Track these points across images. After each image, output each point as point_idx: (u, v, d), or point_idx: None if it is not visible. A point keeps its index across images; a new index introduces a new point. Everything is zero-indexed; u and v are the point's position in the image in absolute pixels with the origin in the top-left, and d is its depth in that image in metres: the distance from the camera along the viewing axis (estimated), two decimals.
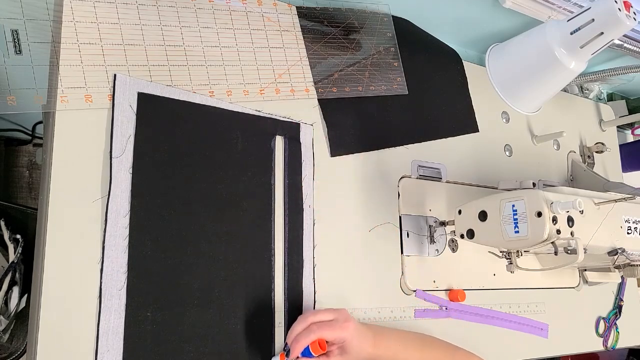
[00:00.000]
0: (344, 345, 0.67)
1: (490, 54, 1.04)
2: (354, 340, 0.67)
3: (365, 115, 0.83)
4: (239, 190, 0.69)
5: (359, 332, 0.69)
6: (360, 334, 0.69)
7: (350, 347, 0.67)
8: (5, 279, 0.71)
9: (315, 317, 0.67)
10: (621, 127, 1.30)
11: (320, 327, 0.66)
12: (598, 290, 1.06)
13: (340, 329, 0.66)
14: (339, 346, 0.67)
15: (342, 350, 0.67)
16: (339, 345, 0.67)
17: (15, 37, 0.60)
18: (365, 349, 0.69)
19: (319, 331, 0.65)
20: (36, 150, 0.95)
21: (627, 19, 0.85)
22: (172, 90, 0.67)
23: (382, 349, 0.71)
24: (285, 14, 0.80)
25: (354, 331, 0.67)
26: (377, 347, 0.70)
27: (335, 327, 0.66)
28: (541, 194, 0.72)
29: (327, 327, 0.66)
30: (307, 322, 0.66)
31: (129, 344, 0.59)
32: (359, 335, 0.68)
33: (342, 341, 0.67)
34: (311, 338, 0.64)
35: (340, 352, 0.67)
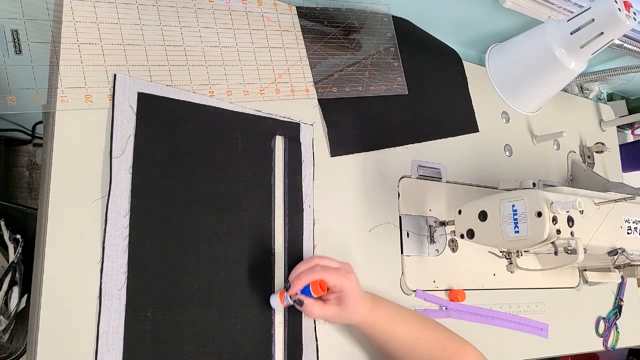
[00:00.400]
0: (342, 295, 0.67)
1: (490, 54, 1.04)
2: (353, 294, 0.67)
3: (365, 115, 0.83)
4: (239, 190, 0.69)
5: (359, 290, 0.68)
6: (360, 292, 0.68)
7: (348, 299, 0.67)
8: (5, 279, 0.71)
9: (320, 261, 0.67)
10: (621, 127, 1.30)
11: (324, 269, 0.66)
12: (598, 290, 1.06)
13: (343, 277, 0.66)
14: (338, 296, 0.67)
15: (339, 301, 0.67)
16: (337, 294, 0.67)
17: (15, 37, 0.60)
18: (362, 309, 0.69)
19: (322, 273, 0.65)
20: (36, 150, 0.95)
21: (627, 19, 0.85)
22: (172, 90, 0.67)
23: (379, 316, 0.70)
24: (285, 14, 0.80)
25: (355, 285, 0.67)
26: (375, 312, 0.70)
27: (339, 273, 0.66)
28: (541, 194, 0.72)
29: (330, 271, 0.66)
30: (312, 263, 0.67)
31: (129, 344, 0.59)
32: (358, 292, 0.68)
33: (342, 290, 0.66)
34: (313, 277, 0.65)
35: (337, 303, 0.67)
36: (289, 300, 0.67)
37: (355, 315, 0.69)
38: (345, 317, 0.68)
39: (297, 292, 0.66)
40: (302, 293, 0.66)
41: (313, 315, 0.67)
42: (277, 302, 0.68)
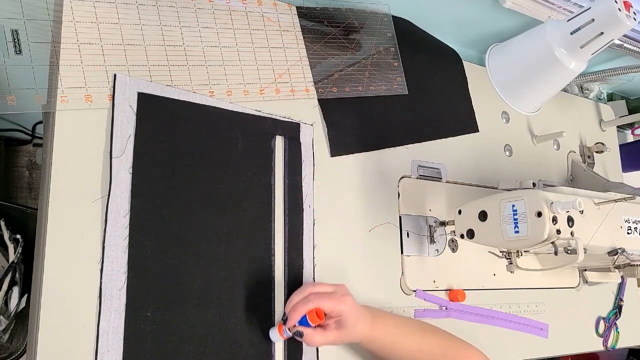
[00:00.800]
0: (341, 319, 0.67)
1: (490, 54, 1.04)
2: (351, 316, 0.67)
3: (365, 115, 0.83)
4: (239, 190, 0.69)
5: (357, 309, 0.68)
6: (358, 311, 0.68)
7: (347, 322, 0.67)
8: (5, 279, 0.71)
9: (314, 288, 0.67)
10: (621, 127, 1.30)
11: (318, 297, 0.66)
12: (598, 290, 1.06)
13: (338, 301, 0.66)
14: (336, 320, 0.67)
15: (338, 325, 0.67)
16: (336, 319, 0.67)
17: (15, 37, 0.60)
18: (362, 328, 0.68)
19: (317, 301, 0.65)
20: (36, 150, 0.95)
21: (627, 19, 0.85)
22: (172, 90, 0.67)
23: (379, 331, 0.70)
24: (285, 14, 0.80)
25: (352, 306, 0.67)
26: (374, 328, 0.70)
27: (333, 298, 0.66)
28: (541, 194, 0.72)
29: (325, 298, 0.66)
30: (305, 292, 0.67)
31: (129, 344, 0.59)
32: (356, 311, 0.68)
33: (340, 314, 0.66)
34: (309, 307, 0.65)
35: (337, 327, 0.67)
36: (288, 333, 0.66)
37: (356, 335, 0.69)
38: (346, 339, 0.69)
39: (295, 325, 0.65)
40: (300, 324, 0.65)
41: (314, 344, 0.67)
42: (277, 336, 0.67)
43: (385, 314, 0.74)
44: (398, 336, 0.72)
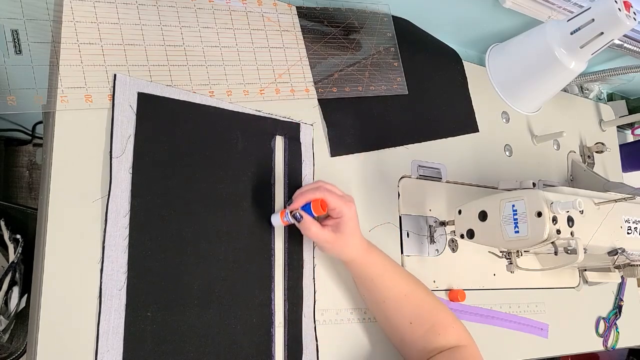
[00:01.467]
0: (340, 222, 0.67)
1: (490, 54, 1.04)
2: (350, 223, 0.67)
3: (365, 115, 0.83)
4: (239, 190, 0.69)
5: (357, 223, 0.69)
6: (357, 225, 0.69)
7: (345, 227, 0.67)
8: (5, 279, 0.71)
9: (325, 184, 0.68)
10: (621, 127, 1.30)
11: (327, 191, 0.66)
12: (598, 290, 1.06)
13: (344, 203, 0.67)
14: (336, 222, 0.67)
15: (336, 228, 0.67)
16: (336, 220, 0.67)
17: (15, 37, 0.60)
18: (357, 245, 0.69)
19: (325, 193, 0.66)
20: (36, 150, 0.95)
21: (627, 19, 0.85)
22: (172, 90, 0.67)
23: (374, 258, 0.71)
24: (285, 14, 0.80)
25: (354, 214, 0.68)
26: (370, 254, 0.70)
27: (340, 198, 0.67)
28: (541, 194, 0.72)
29: (333, 194, 0.67)
30: (317, 184, 0.68)
31: (129, 344, 0.59)
32: (356, 223, 0.68)
33: (341, 215, 0.67)
34: (315, 195, 0.66)
35: (334, 229, 0.67)
36: (289, 217, 0.67)
37: (348, 249, 0.69)
38: (338, 247, 0.68)
39: (297, 208, 0.66)
40: (303, 209, 0.66)
41: (309, 233, 0.67)
42: (278, 220, 0.68)
43: (382, 252, 0.73)
44: (390, 273, 0.72)
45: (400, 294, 0.71)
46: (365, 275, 0.71)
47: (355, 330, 0.75)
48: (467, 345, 0.73)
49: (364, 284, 0.72)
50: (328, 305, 0.74)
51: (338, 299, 0.75)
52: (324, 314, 0.73)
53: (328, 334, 0.73)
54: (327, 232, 0.67)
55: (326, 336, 0.72)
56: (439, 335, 0.71)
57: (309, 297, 0.72)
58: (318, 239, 0.68)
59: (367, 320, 0.76)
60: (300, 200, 0.66)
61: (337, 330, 0.74)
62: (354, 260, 0.70)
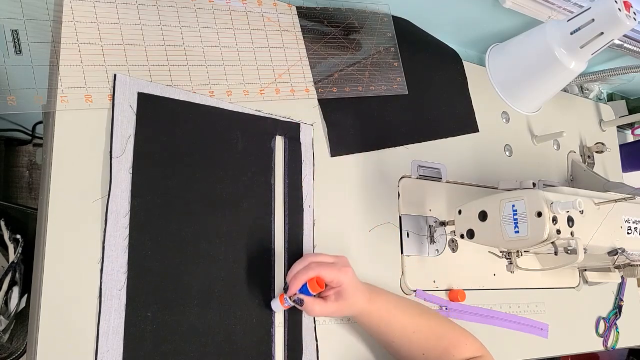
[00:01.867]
0: (340, 290, 0.67)
1: (490, 54, 1.04)
2: (351, 287, 0.67)
3: (365, 115, 0.83)
4: (239, 190, 0.69)
5: (357, 282, 0.69)
6: (357, 284, 0.69)
7: (347, 293, 0.67)
8: (5, 279, 0.71)
9: (315, 258, 0.68)
10: (621, 127, 1.30)
11: (319, 265, 0.66)
12: (598, 290, 1.06)
13: (338, 271, 0.67)
14: (336, 291, 0.67)
15: (337, 296, 0.67)
16: (335, 289, 0.67)
17: (15, 37, 0.60)
18: (361, 300, 0.69)
19: (318, 269, 0.66)
20: (36, 150, 0.95)
21: (627, 19, 0.85)
22: (172, 90, 0.67)
23: (377, 306, 0.70)
24: (285, 14, 0.80)
25: (352, 277, 0.68)
26: (373, 302, 0.70)
27: (334, 268, 0.67)
28: (541, 194, 0.72)
29: (326, 267, 0.66)
30: (306, 262, 0.67)
31: (129, 344, 0.59)
32: (356, 283, 0.68)
33: (339, 285, 0.67)
34: (309, 275, 0.65)
35: (336, 298, 0.67)
36: (289, 302, 0.67)
37: (353, 309, 0.69)
38: (344, 312, 0.69)
39: (295, 293, 0.66)
40: (301, 292, 0.66)
41: (314, 313, 0.67)
42: (278, 305, 0.68)
43: (384, 291, 0.74)
44: (395, 314, 0.72)
45: (408, 331, 0.72)
46: (372, 323, 0.71)
47: (355, 330, 0.75)
48: (482, 355, 0.74)
49: (373, 330, 0.72)
50: None
51: None
52: None
53: (328, 334, 0.73)
54: (331, 304, 0.67)
55: (326, 336, 0.72)
56: (453, 356, 0.72)
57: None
58: (324, 315, 0.68)
59: None
60: (296, 284, 0.66)
61: (337, 330, 0.74)
62: (359, 315, 0.70)
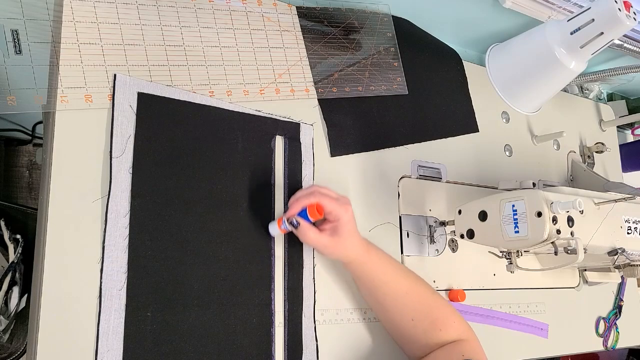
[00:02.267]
0: (337, 225, 0.67)
1: (490, 54, 1.04)
2: (348, 226, 0.67)
3: (365, 115, 0.83)
4: (239, 190, 0.69)
5: (354, 225, 0.69)
6: (355, 228, 0.69)
7: (343, 230, 0.67)
8: (5, 279, 0.71)
9: (320, 188, 0.68)
10: (621, 127, 1.30)
11: (322, 195, 0.66)
12: (598, 290, 1.06)
13: (339, 205, 0.67)
14: (333, 225, 0.67)
15: (333, 231, 0.67)
16: (333, 224, 0.67)
17: (15, 37, 0.60)
18: (355, 246, 0.69)
19: (320, 197, 0.66)
20: (36, 150, 0.95)
21: (627, 19, 0.85)
22: (172, 90, 0.67)
23: (372, 257, 0.70)
24: (285, 14, 0.80)
25: (351, 217, 0.68)
26: (369, 253, 0.70)
27: (336, 202, 0.67)
28: (541, 194, 0.72)
29: (328, 198, 0.67)
30: (311, 189, 0.67)
31: (129, 344, 0.59)
32: (353, 225, 0.68)
33: (337, 219, 0.67)
34: (310, 200, 0.66)
35: (332, 233, 0.67)
36: (286, 225, 0.67)
37: (347, 251, 0.69)
38: (337, 250, 0.68)
39: (294, 215, 0.66)
40: (300, 216, 0.66)
41: (307, 238, 0.67)
42: (276, 228, 0.68)
43: (381, 250, 0.73)
44: (390, 270, 0.72)
45: (400, 292, 0.71)
46: (365, 275, 0.71)
47: (355, 330, 0.75)
48: (468, 339, 0.73)
49: (364, 284, 0.72)
50: (328, 305, 0.74)
51: (338, 299, 0.75)
52: (324, 314, 0.73)
53: (328, 334, 0.73)
54: (325, 236, 0.67)
55: (326, 336, 0.73)
56: (440, 330, 0.71)
57: (309, 297, 0.72)
58: (316, 244, 0.68)
59: (367, 320, 0.76)
60: (296, 207, 0.66)
61: (337, 330, 0.74)
62: (353, 261, 0.70)
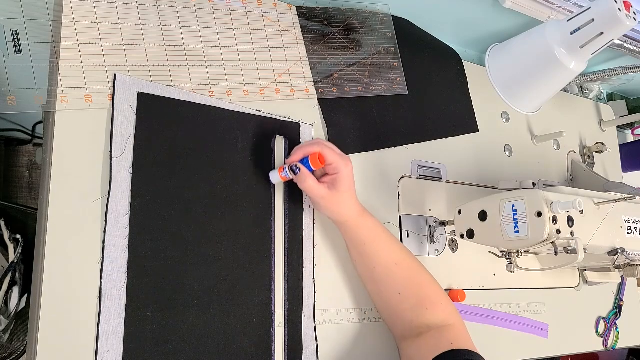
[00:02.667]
0: (336, 178, 0.68)
1: (490, 54, 1.04)
2: (346, 181, 0.68)
3: (365, 115, 0.83)
4: (239, 190, 0.69)
5: (353, 183, 0.69)
6: (353, 185, 0.69)
7: (341, 184, 0.68)
8: (5, 279, 0.71)
9: (324, 141, 0.69)
10: (621, 127, 1.30)
11: (326, 146, 0.68)
12: (598, 290, 1.06)
13: (341, 158, 0.68)
14: (332, 178, 0.68)
15: (331, 185, 0.68)
16: (332, 176, 0.68)
17: (15, 37, 0.60)
18: (351, 206, 0.69)
19: (323, 147, 0.67)
20: (36, 150, 0.95)
21: (627, 19, 0.85)
22: (172, 90, 0.67)
23: (367, 222, 0.71)
24: (285, 14, 0.80)
25: (350, 172, 0.69)
26: (364, 217, 0.71)
27: (339, 155, 0.68)
28: (541, 194, 0.72)
29: (331, 150, 0.68)
30: (315, 140, 0.69)
31: (129, 344, 0.59)
32: (352, 183, 0.69)
33: (337, 171, 0.68)
34: (314, 149, 0.67)
35: (329, 187, 0.68)
36: (287, 172, 0.68)
37: (342, 208, 0.69)
38: (333, 205, 0.69)
39: (296, 162, 0.67)
40: (301, 163, 0.67)
41: (306, 185, 0.67)
42: (277, 176, 0.69)
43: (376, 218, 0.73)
44: (384, 238, 0.72)
45: (391, 262, 0.72)
46: (358, 239, 0.71)
47: (355, 330, 0.75)
48: (455, 324, 0.72)
49: (356, 248, 0.72)
50: (328, 305, 0.74)
51: (338, 299, 0.75)
52: (324, 314, 0.73)
53: (328, 334, 0.73)
54: (323, 187, 0.68)
55: (326, 336, 0.73)
56: (426, 309, 0.71)
57: (309, 297, 0.72)
58: (313, 193, 0.68)
59: (367, 320, 0.76)
60: (299, 154, 0.67)
61: (337, 330, 0.74)
62: (347, 221, 0.70)
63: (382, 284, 0.72)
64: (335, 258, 0.76)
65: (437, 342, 0.68)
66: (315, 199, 0.69)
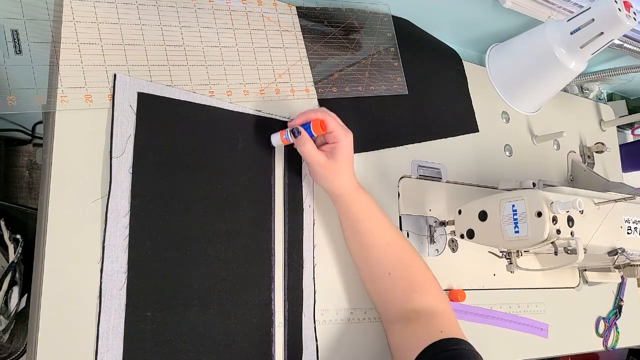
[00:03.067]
0: (335, 147, 0.68)
1: (490, 54, 1.04)
2: (345, 151, 0.68)
3: (365, 115, 0.83)
4: (239, 190, 0.69)
5: (351, 156, 0.70)
6: (351, 159, 0.70)
7: (339, 154, 0.68)
8: (5, 279, 0.71)
9: (328, 110, 0.70)
10: (621, 127, 1.30)
11: (328, 114, 0.69)
12: (598, 290, 1.06)
13: (342, 128, 0.69)
14: (331, 147, 0.69)
15: (330, 154, 0.69)
16: (331, 145, 0.69)
17: (15, 37, 0.60)
18: (347, 179, 0.70)
19: (326, 115, 0.68)
20: (36, 150, 0.95)
21: (627, 19, 0.85)
22: (172, 90, 0.67)
23: (362, 198, 0.71)
24: (285, 14, 0.80)
25: (350, 143, 0.69)
26: (358, 192, 0.71)
27: (340, 125, 0.69)
28: (541, 194, 0.72)
29: (334, 119, 0.69)
30: (319, 108, 0.70)
31: (129, 344, 0.59)
32: (351, 155, 0.70)
33: (337, 140, 0.68)
34: (317, 115, 0.68)
35: (329, 155, 0.69)
36: (288, 135, 0.69)
37: (339, 179, 0.69)
38: (329, 174, 0.69)
39: (298, 125, 0.68)
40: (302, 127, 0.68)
41: (304, 149, 0.68)
42: (277, 139, 0.70)
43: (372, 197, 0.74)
44: (377, 219, 0.72)
45: (382, 241, 0.72)
46: (352, 214, 0.71)
47: (355, 330, 0.75)
48: (444, 311, 0.72)
49: (350, 224, 0.72)
50: (328, 305, 0.74)
51: (338, 299, 0.75)
52: (324, 314, 0.73)
53: (328, 334, 0.73)
54: (322, 156, 0.68)
55: (326, 336, 0.73)
56: (416, 293, 0.71)
57: (309, 297, 0.72)
58: (311, 158, 0.68)
59: (367, 320, 0.76)
60: (301, 118, 0.68)
61: (337, 330, 0.74)
62: (342, 194, 0.70)
63: (373, 261, 0.72)
64: (335, 258, 0.76)
65: (426, 330, 0.68)
66: (313, 165, 0.69)
